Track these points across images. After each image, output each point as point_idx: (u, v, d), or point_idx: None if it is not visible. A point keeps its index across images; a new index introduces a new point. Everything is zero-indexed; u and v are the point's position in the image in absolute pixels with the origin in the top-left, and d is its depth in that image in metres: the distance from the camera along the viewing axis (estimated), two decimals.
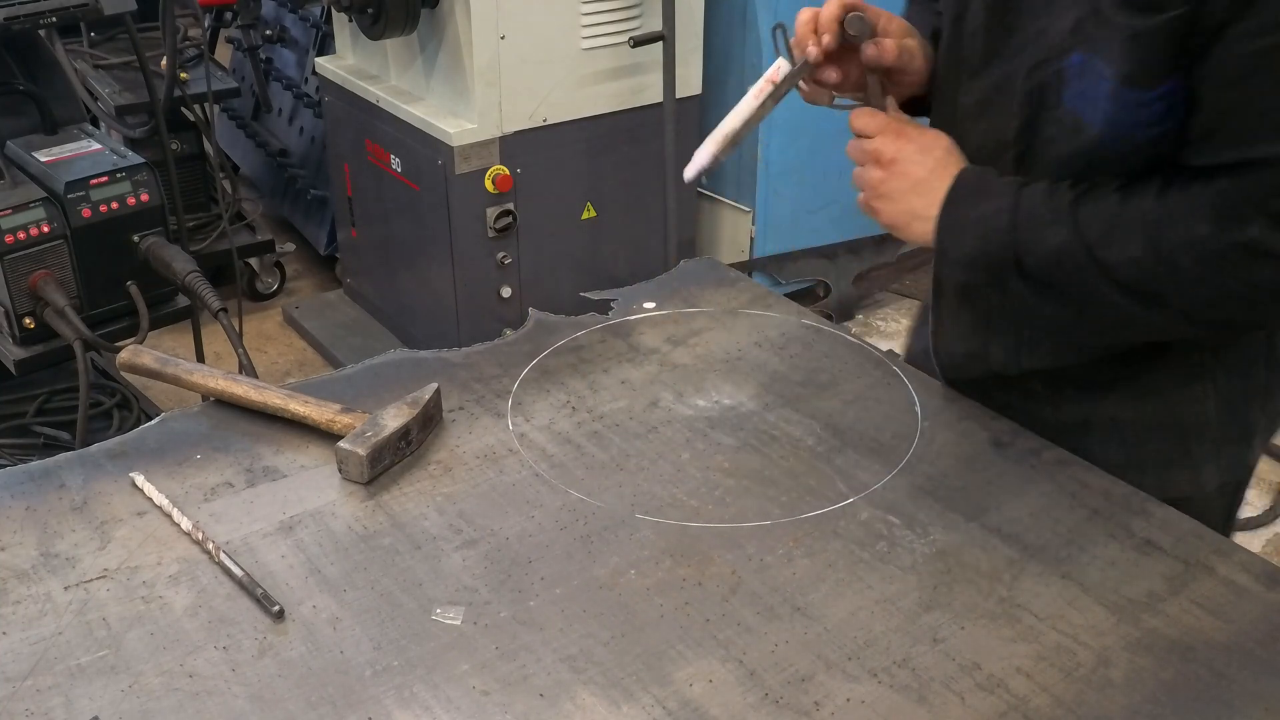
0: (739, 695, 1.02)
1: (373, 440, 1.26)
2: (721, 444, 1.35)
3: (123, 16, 2.79)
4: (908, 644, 1.08)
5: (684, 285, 1.69)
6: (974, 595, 1.13)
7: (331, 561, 1.16)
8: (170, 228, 2.52)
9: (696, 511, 1.24)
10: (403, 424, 1.29)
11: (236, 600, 1.11)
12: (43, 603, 1.10)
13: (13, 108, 2.54)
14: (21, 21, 2.35)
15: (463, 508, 1.24)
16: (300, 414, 1.34)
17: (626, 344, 1.53)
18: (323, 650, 1.06)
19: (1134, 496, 1.27)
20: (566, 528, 1.22)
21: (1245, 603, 1.13)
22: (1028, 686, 1.03)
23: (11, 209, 2.25)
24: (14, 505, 1.23)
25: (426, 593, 1.13)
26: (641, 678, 1.04)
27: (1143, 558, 1.18)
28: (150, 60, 3.10)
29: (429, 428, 1.35)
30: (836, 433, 1.37)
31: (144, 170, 2.40)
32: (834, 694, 1.02)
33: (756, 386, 1.46)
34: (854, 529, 1.22)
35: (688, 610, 1.11)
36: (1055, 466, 1.32)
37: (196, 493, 1.25)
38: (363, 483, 1.26)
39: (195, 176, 3.62)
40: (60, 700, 1.00)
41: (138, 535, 1.19)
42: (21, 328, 2.32)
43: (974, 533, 1.21)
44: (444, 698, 1.01)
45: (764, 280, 3.67)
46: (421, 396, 1.34)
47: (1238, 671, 1.05)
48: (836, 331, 1.59)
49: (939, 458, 1.33)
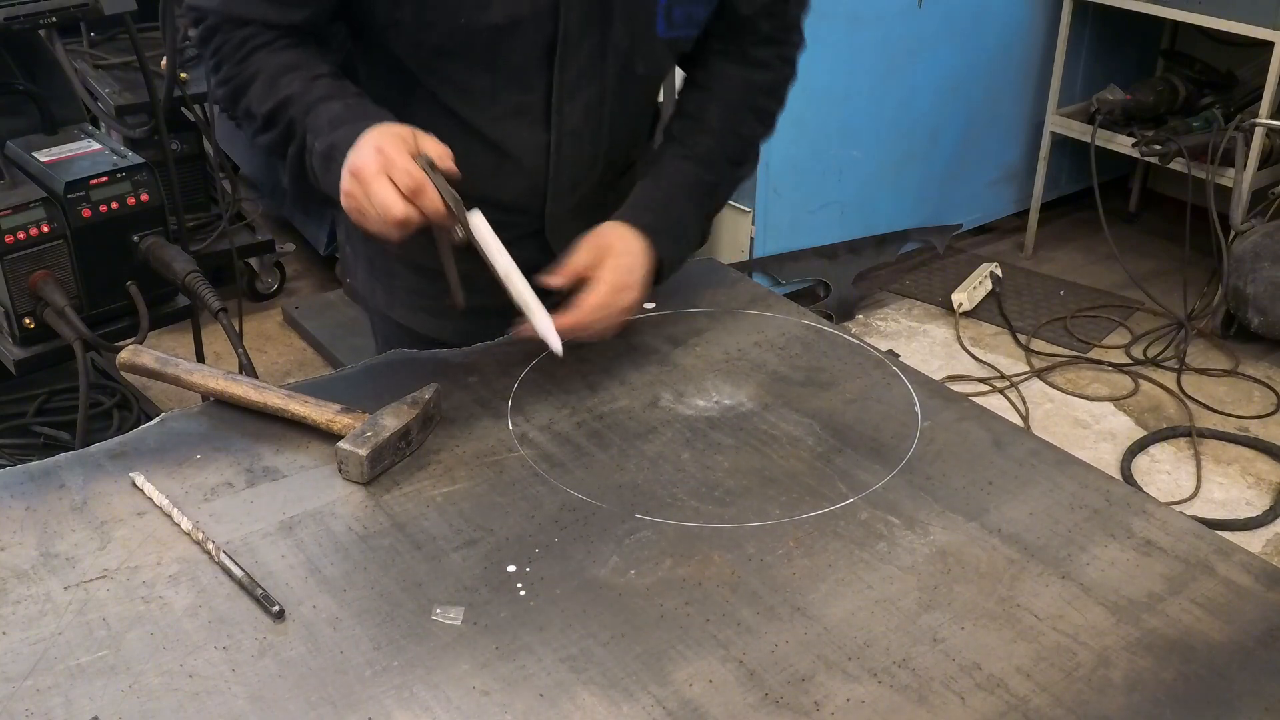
0: (739, 695, 1.02)
1: (373, 441, 1.26)
2: (721, 444, 1.35)
3: (123, 16, 2.79)
4: (908, 644, 1.08)
5: (684, 285, 1.68)
6: (974, 595, 1.13)
7: (331, 561, 1.16)
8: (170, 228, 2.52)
9: (696, 511, 1.24)
10: (403, 424, 1.29)
11: (236, 600, 1.11)
12: (43, 603, 1.10)
13: (13, 108, 2.53)
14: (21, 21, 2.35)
15: (463, 508, 1.24)
16: (300, 414, 1.34)
17: (626, 344, 1.53)
18: (323, 650, 1.06)
19: (1134, 496, 1.27)
20: (566, 528, 1.22)
21: (1245, 603, 1.13)
22: (1028, 686, 1.03)
23: (11, 209, 2.25)
24: (14, 505, 1.23)
25: (426, 593, 1.13)
26: (641, 678, 1.04)
27: (1143, 558, 1.18)
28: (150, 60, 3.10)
29: (429, 428, 1.35)
30: (836, 433, 1.37)
31: (144, 170, 2.39)
32: (834, 694, 1.02)
33: (756, 386, 1.46)
34: (854, 529, 1.22)
35: (688, 610, 1.11)
36: (1055, 466, 1.32)
37: (196, 493, 1.25)
38: (363, 483, 1.26)
39: (195, 176, 3.61)
40: (60, 700, 1.00)
41: (138, 535, 1.19)
42: (21, 328, 2.32)
43: (974, 533, 1.21)
44: (444, 698, 1.01)
45: (764, 280, 3.67)
46: (422, 396, 1.34)
47: (1238, 671, 1.05)
48: (836, 331, 1.59)
49: (939, 458, 1.33)
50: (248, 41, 1.38)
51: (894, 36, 3.72)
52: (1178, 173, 3.81)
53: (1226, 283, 3.63)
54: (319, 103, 1.35)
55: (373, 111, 1.35)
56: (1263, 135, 3.64)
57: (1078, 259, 4.33)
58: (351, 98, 1.37)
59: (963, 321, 3.89)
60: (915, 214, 4.09)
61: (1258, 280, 3.53)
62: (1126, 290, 4.02)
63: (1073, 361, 3.69)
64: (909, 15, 3.72)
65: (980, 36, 3.97)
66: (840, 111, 3.68)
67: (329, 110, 1.34)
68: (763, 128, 1.58)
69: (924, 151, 4.01)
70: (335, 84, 1.38)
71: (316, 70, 1.38)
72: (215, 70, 1.42)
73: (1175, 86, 4.03)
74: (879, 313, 3.97)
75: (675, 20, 1.44)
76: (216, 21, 1.39)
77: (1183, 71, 4.13)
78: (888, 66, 3.75)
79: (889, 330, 3.88)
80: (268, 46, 1.39)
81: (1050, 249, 4.39)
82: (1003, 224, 4.48)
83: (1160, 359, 3.67)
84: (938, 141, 4.04)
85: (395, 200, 1.24)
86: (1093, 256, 4.29)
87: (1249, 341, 3.72)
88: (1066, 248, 4.41)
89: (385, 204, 1.24)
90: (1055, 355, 3.72)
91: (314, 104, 1.35)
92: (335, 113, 1.34)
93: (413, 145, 1.27)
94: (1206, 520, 2.87)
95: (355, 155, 1.27)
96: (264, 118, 1.39)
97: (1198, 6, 3.66)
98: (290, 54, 1.39)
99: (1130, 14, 3.92)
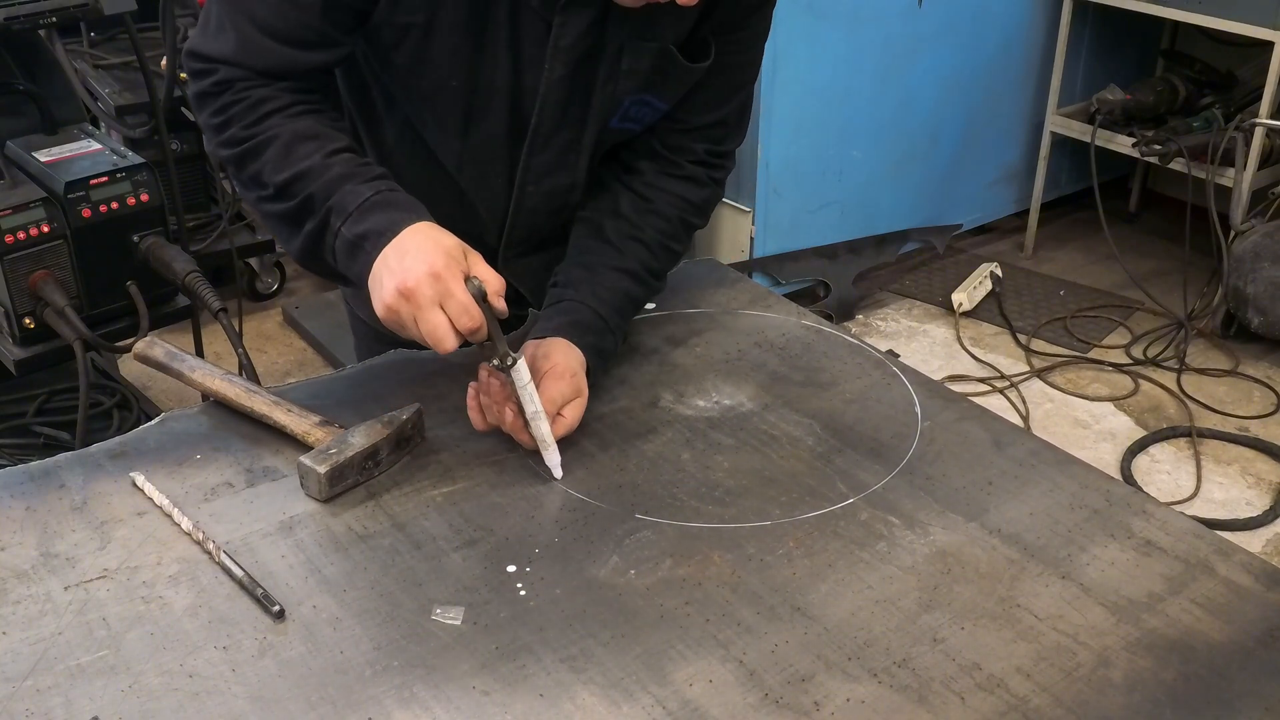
0: (739, 695, 1.02)
1: (335, 459, 1.24)
2: (721, 444, 1.35)
3: (123, 16, 2.78)
4: (908, 644, 1.08)
5: (684, 285, 1.69)
6: (974, 595, 1.13)
7: (331, 561, 1.16)
8: (170, 228, 2.51)
9: (696, 511, 1.24)
10: (371, 444, 1.26)
11: (236, 600, 1.11)
12: (43, 603, 1.10)
13: (13, 108, 2.53)
14: (21, 21, 2.34)
15: (463, 508, 1.24)
16: (281, 423, 1.32)
17: (626, 344, 1.53)
18: (323, 650, 1.06)
19: (1134, 496, 1.27)
20: (566, 528, 1.22)
21: (1245, 603, 1.13)
22: (1028, 686, 1.03)
23: (11, 209, 2.24)
24: (14, 505, 1.23)
25: (426, 593, 1.13)
26: (641, 678, 1.04)
27: (1143, 558, 1.18)
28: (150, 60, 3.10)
29: (404, 448, 1.31)
30: (836, 433, 1.37)
31: (144, 170, 2.39)
32: (834, 694, 1.02)
33: (756, 386, 1.46)
34: (854, 529, 1.22)
35: (688, 610, 1.11)
36: (1055, 466, 1.32)
37: (196, 493, 1.25)
38: (321, 500, 1.24)
39: (195, 176, 3.61)
40: (60, 700, 1.00)
41: (138, 535, 1.19)
42: (21, 328, 2.31)
43: (974, 533, 1.21)
44: (444, 698, 1.01)
45: (764, 280, 3.67)
46: (399, 416, 1.30)
47: (1238, 671, 1.05)
48: (836, 331, 1.59)
49: (939, 458, 1.33)
50: (263, 104, 1.31)
51: (894, 36, 3.72)
52: (1178, 173, 3.81)
53: (1226, 283, 3.63)
54: (343, 182, 1.29)
55: (404, 201, 1.29)
56: (1263, 135, 3.64)
57: (1078, 259, 4.33)
58: (379, 181, 1.30)
59: (963, 321, 3.89)
60: (915, 214, 4.09)
61: (1258, 280, 3.53)
62: (1126, 290, 4.02)
63: (1073, 361, 3.69)
64: (909, 15, 3.72)
65: (980, 36, 3.97)
66: (840, 111, 3.68)
67: (356, 194, 1.27)
68: (687, 242, 1.57)
69: (924, 151, 4.01)
70: (357, 162, 1.32)
71: (336, 144, 1.32)
72: (221, 129, 1.33)
73: (1175, 86, 4.03)
74: (879, 313, 3.97)
75: (629, 116, 1.45)
76: (229, 76, 1.31)
77: (1183, 71, 4.13)
78: (888, 66, 3.75)
79: (889, 330, 3.88)
80: (284, 111, 1.32)
81: (1050, 249, 4.39)
82: (1003, 224, 4.48)
83: (1160, 359, 3.67)
84: (938, 141, 4.04)
85: (449, 335, 1.20)
86: (1093, 256, 4.29)
87: (1249, 341, 3.72)
88: (1066, 248, 4.41)
89: (438, 337, 1.20)
90: (1055, 355, 3.72)
91: (336, 182, 1.29)
92: (364, 197, 1.27)
93: (464, 266, 1.21)
94: (1206, 520, 2.87)
95: (406, 274, 1.19)
96: (277, 187, 1.31)
97: (1198, 6, 3.66)
98: (307, 121, 1.33)
99: (1130, 14, 3.92)
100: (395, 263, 1.21)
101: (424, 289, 1.19)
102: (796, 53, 3.47)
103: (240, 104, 1.32)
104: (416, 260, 1.20)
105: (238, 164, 1.35)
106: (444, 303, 1.19)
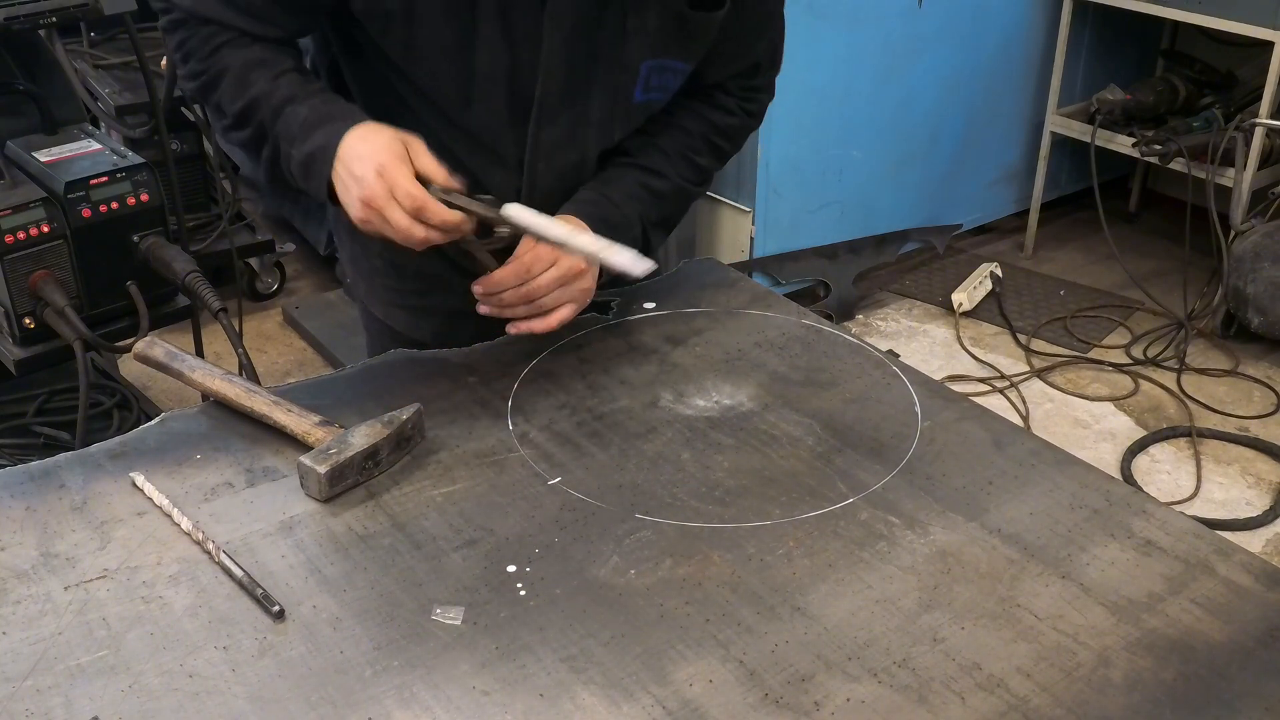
0: (739, 695, 1.02)
1: (335, 459, 1.24)
2: (721, 444, 1.35)
3: (123, 16, 2.79)
4: (908, 644, 1.08)
5: (684, 285, 1.69)
6: (974, 595, 1.13)
7: (331, 561, 1.16)
8: (170, 228, 2.51)
9: (696, 511, 1.24)
10: (371, 444, 1.26)
11: (236, 600, 1.11)
12: (43, 603, 1.10)
13: (13, 108, 2.53)
14: (21, 21, 2.34)
15: (463, 508, 1.24)
16: (281, 423, 1.32)
17: (626, 344, 1.53)
18: (323, 650, 1.06)
19: (1134, 496, 1.27)
20: (566, 528, 1.22)
21: (1245, 603, 1.13)
22: (1028, 686, 1.03)
23: (11, 209, 2.24)
24: (14, 505, 1.23)
25: (426, 593, 1.13)
26: (641, 677, 1.04)
27: (1143, 558, 1.18)
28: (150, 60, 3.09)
29: (404, 448, 1.31)
30: (836, 433, 1.37)
31: (144, 170, 2.39)
32: (834, 694, 1.02)
33: (756, 386, 1.46)
34: (854, 529, 1.22)
35: (688, 610, 1.11)
36: (1055, 466, 1.32)
37: (196, 493, 1.25)
38: (321, 500, 1.24)
39: (195, 176, 3.61)
40: (60, 700, 1.00)
41: (138, 535, 1.19)
42: (21, 328, 2.31)
43: (974, 533, 1.21)
44: (444, 698, 1.01)
45: (764, 280, 3.67)
46: (399, 416, 1.30)
47: (1238, 671, 1.05)
48: (836, 331, 1.59)
49: (939, 458, 1.33)
50: (214, 37, 1.38)
51: (894, 36, 3.72)
52: (1178, 173, 3.81)
53: (1226, 283, 3.63)
54: (285, 105, 1.35)
55: (340, 110, 1.34)
56: (1263, 135, 3.64)
57: (1078, 259, 4.33)
58: (316, 97, 1.36)
59: (963, 321, 3.89)
60: (915, 214, 4.09)
61: (1258, 280, 3.53)
62: (1126, 290, 4.02)
63: (1073, 361, 3.69)
64: (909, 15, 3.72)
65: (980, 36, 3.97)
66: (840, 111, 3.68)
67: (296, 115, 1.34)
68: (715, 161, 1.58)
69: (924, 151, 4.01)
70: (300, 81, 1.38)
71: (281, 65, 1.38)
72: (183, 62, 1.42)
73: (1175, 86, 4.03)
74: (879, 313, 3.97)
75: (651, 86, 1.45)
76: (182, 16, 1.39)
77: (1183, 71, 4.13)
78: (888, 66, 3.75)
79: (889, 330, 3.88)
80: (235, 42, 1.38)
81: (1050, 249, 4.39)
82: (1003, 224, 4.48)
83: (1160, 359, 3.67)
84: (938, 141, 4.04)
85: (413, 227, 1.27)
86: (1093, 256, 4.29)
87: (1249, 341, 3.72)
88: (1066, 248, 4.41)
89: (406, 234, 1.28)
90: (1055, 355, 3.72)
91: (280, 106, 1.35)
92: (303, 117, 1.33)
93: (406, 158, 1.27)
94: (1206, 520, 2.87)
95: (360, 183, 1.27)
96: (235, 116, 1.38)
97: (1198, 6, 3.66)
98: (257, 50, 1.38)
99: (1130, 14, 3.92)
100: (347, 175, 1.29)
101: (377, 190, 1.26)
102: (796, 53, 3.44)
103: (195, 37, 1.39)
104: (364, 166, 1.27)
105: (201, 95, 1.42)
106: (395, 194, 1.25)
